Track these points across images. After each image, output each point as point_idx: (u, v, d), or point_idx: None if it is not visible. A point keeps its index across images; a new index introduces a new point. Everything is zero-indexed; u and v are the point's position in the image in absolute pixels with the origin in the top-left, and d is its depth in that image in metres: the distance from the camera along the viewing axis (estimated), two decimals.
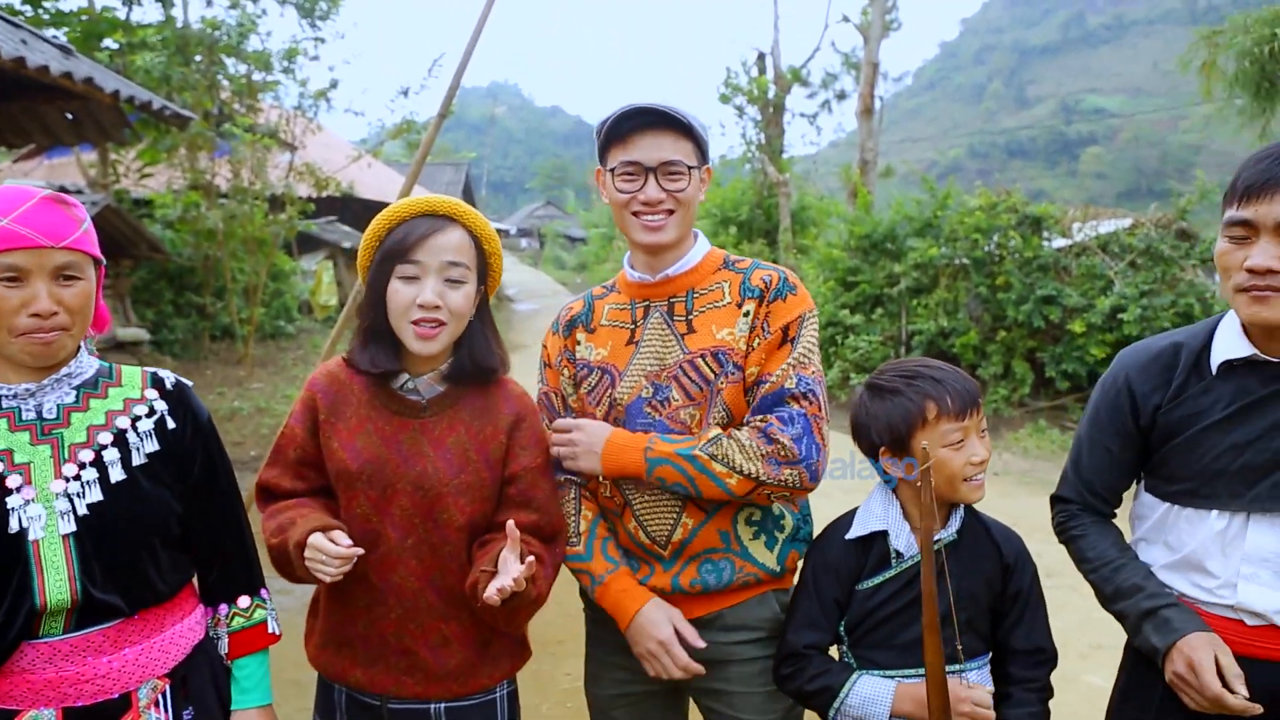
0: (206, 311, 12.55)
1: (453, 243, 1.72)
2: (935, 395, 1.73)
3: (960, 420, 1.73)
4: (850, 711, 1.73)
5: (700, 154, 1.87)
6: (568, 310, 2.05)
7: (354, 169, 13.52)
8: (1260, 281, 1.50)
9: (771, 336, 1.81)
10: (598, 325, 1.97)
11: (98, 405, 1.57)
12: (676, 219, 1.85)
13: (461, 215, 1.75)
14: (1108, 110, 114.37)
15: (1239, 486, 1.57)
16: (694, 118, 1.84)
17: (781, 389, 1.77)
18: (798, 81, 18.33)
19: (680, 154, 1.82)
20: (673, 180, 1.82)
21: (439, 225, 1.72)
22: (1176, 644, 1.55)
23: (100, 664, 1.50)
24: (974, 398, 1.75)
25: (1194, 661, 1.51)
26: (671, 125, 1.81)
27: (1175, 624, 1.58)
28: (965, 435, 1.74)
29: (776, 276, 1.86)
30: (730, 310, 1.85)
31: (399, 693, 1.79)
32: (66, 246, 1.46)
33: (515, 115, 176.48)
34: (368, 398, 1.80)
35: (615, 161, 1.85)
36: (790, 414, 1.75)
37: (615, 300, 1.98)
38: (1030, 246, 10.15)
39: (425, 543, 1.74)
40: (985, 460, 1.75)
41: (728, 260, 1.94)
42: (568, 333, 2.01)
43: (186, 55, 11.14)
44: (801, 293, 1.87)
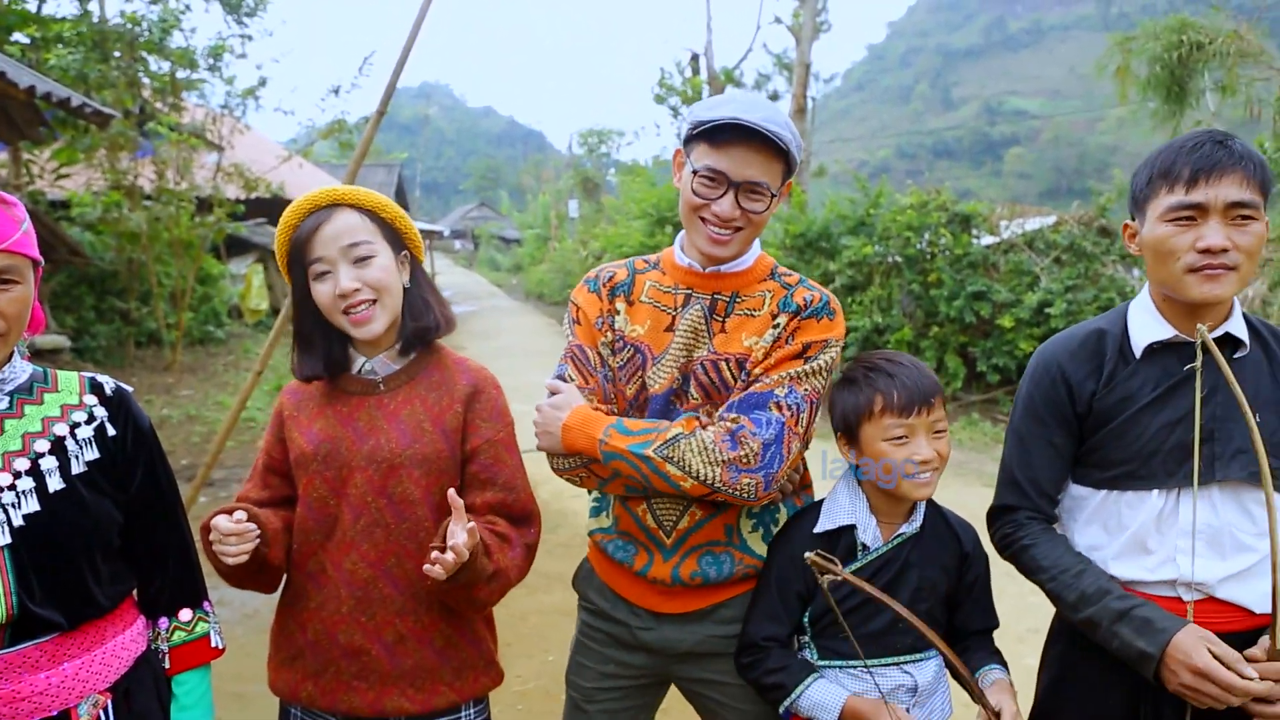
0: (131, 317, 12.10)
1: (343, 225, 1.72)
2: (884, 390, 1.76)
3: (904, 417, 1.74)
4: (800, 711, 1.76)
5: (787, 173, 1.80)
6: (610, 274, 1.95)
7: (284, 170, 13.20)
8: (1214, 260, 1.57)
9: (791, 347, 1.78)
10: (637, 300, 1.90)
11: (33, 411, 1.51)
12: (743, 236, 1.79)
13: (343, 197, 1.75)
14: (1029, 112, 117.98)
15: (1172, 464, 1.63)
16: (794, 138, 1.75)
17: (770, 393, 1.73)
18: (731, 82, 18.51)
19: (768, 176, 1.75)
20: (753, 200, 1.75)
21: (323, 216, 1.72)
22: (1168, 652, 1.54)
23: (38, 680, 1.44)
24: (925, 397, 1.75)
25: (1200, 668, 1.50)
26: (769, 145, 1.72)
27: (1157, 624, 1.57)
28: (910, 433, 1.74)
29: (818, 297, 1.82)
30: (764, 320, 1.82)
31: (350, 708, 1.72)
32: (5, 250, 1.40)
33: (447, 116, 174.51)
34: (329, 388, 1.80)
35: (701, 163, 1.75)
36: (768, 418, 1.70)
37: (658, 279, 1.91)
38: (960, 244, 10.42)
39: (379, 523, 1.71)
40: (930, 459, 1.74)
41: (775, 271, 1.90)
42: (610, 297, 1.91)
43: (105, 51, 10.72)
44: (838, 321, 1.83)
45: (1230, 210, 1.57)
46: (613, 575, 1.95)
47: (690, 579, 1.83)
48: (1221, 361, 1.55)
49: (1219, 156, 1.58)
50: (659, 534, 1.84)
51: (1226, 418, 1.63)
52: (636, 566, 1.87)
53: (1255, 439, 1.51)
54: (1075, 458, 1.79)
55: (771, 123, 1.70)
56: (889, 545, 1.80)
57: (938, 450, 1.75)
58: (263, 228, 16.59)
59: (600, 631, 1.98)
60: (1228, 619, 1.61)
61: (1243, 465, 1.61)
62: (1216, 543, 1.61)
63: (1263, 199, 1.58)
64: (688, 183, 1.78)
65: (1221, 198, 1.57)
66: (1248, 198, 1.56)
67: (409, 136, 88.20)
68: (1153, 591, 1.68)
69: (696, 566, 1.83)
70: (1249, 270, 1.60)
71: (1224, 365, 1.55)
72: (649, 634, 1.90)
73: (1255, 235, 1.57)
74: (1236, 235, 1.57)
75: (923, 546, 1.80)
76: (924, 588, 1.78)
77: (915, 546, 1.80)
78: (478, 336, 16.62)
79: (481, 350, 13.83)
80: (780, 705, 1.78)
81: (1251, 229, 1.57)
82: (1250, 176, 1.57)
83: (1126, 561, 1.70)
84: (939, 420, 1.77)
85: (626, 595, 1.92)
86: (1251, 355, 1.67)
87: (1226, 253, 1.57)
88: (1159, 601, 1.66)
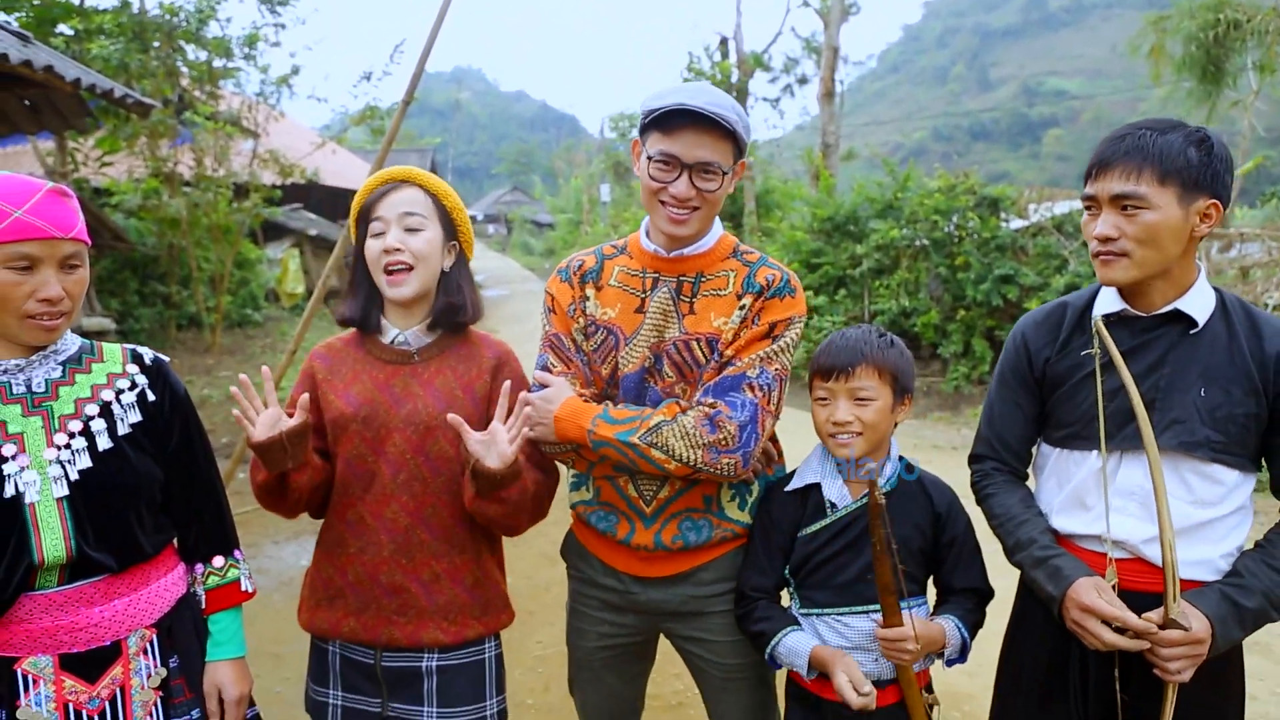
0: (172, 300, 12.45)
1: (406, 197, 1.94)
2: (817, 354, 1.95)
3: (824, 381, 1.92)
4: (780, 659, 1.94)
5: (738, 152, 1.90)
6: (579, 262, 2.07)
7: (318, 156, 13.42)
8: (1104, 248, 1.70)
9: (758, 328, 1.89)
10: (606, 284, 2.02)
11: (83, 380, 1.68)
12: (701, 215, 1.89)
13: (413, 177, 1.99)
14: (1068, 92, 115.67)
15: (1112, 428, 1.74)
16: (739, 119, 1.85)
17: (743, 375, 1.85)
18: (760, 66, 18.46)
19: (718, 155, 1.85)
20: (706, 180, 1.86)
21: (393, 186, 1.96)
22: (1067, 593, 1.69)
23: (93, 614, 1.62)
24: (846, 364, 1.88)
25: (1085, 604, 1.65)
26: (716, 126, 1.82)
27: (1065, 571, 1.72)
28: (831, 396, 1.91)
29: (779, 276, 1.93)
30: (730, 300, 1.92)
31: (390, 640, 1.90)
32: (73, 238, 1.58)
33: (480, 100, 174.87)
34: (362, 355, 1.99)
35: (654, 149, 1.86)
36: (742, 401, 1.83)
37: (626, 264, 2.02)
38: (988, 227, 10.39)
39: (417, 478, 1.90)
40: (846, 422, 1.88)
41: (737, 249, 2.00)
42: (581, 284, 2.04)
43: (145, 42, 10.98)
44: (799, 297, 1.94)
45: (1116, 201, 1.68)
46: (596, 544, 2.07)
47: (672, 543, 1.96)
48: (1113, 350, 1.67)
49: (1109, 152, 1.69)
50: (639, 503, 1.97)
51: (1170, 389, 1.72)
52: (620, 535, 1.99)
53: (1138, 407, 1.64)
54: (1041, 418, 1.92)
55: (717, 106, 1.81)
56: (856, 503, 1.92)
57: (857, 415, 1.89)
58: (298, 213, 16.90)
59: (591, 598, 2.11)
60: (1151, 580, 1.70)
61: (1176, 435, 1.70)
62: (1148, 505, 1.69)
63: (1169, 188, 1.64)
64: (645, 169, 1.91)
65: (1107, 190, 1.69)
66: (1129, 189, 1.65)
67: (442, 121, 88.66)
68: (1083, 545, 1.80)
69: (677, 531, 1.96)
70: (1151, 255, 1.68)
71: (1115, 354, 1.67)
72: (636, 596, 2.04)
73: (1144, 224, 1.66)
74: (1125, 224, 1.68)
75: (892, 506, 1.91)
76: (895, 543, 1.90)
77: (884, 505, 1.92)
78: (510, 320, 16.79)
79: (515, 333, 13.98)
80: (765, 651, 1.94)
81: (1140, 218, 1.66)
82: (1139, 169, 1.65)
83: (1065, 515, 1.83)
84: (860, 389, 1.89)
85: (611, 562, 2.05)
86: (1210, 330, 1.74)
87: (1115, 240, 1.69)
88: (1086, 555, 1.78)
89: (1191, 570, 1.71)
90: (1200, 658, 1.62)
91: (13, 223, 1.51)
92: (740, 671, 2.05)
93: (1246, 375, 1.70)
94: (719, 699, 2.10)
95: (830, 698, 1.91)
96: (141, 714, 1.67)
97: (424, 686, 1.92)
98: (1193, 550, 1.71)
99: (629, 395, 1.96)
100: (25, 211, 1.53)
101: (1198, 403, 1.70)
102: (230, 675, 1.80)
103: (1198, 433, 1.69)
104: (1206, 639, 1.61)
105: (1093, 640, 1.66)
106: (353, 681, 1.96)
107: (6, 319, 1.56)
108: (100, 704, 1.62)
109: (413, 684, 1.93)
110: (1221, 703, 1.79)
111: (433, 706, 1.92)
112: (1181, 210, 1.65)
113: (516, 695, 3.58)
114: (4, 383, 1.61)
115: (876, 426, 1.90)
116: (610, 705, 2.20)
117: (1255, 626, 1.68)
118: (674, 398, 1.92)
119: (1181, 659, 1.61)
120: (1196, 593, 1.68)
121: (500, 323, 16.40)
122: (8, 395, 1.61)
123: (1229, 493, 1.73)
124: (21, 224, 1.52)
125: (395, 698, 1.94)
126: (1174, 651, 1.60)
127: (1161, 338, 1.74)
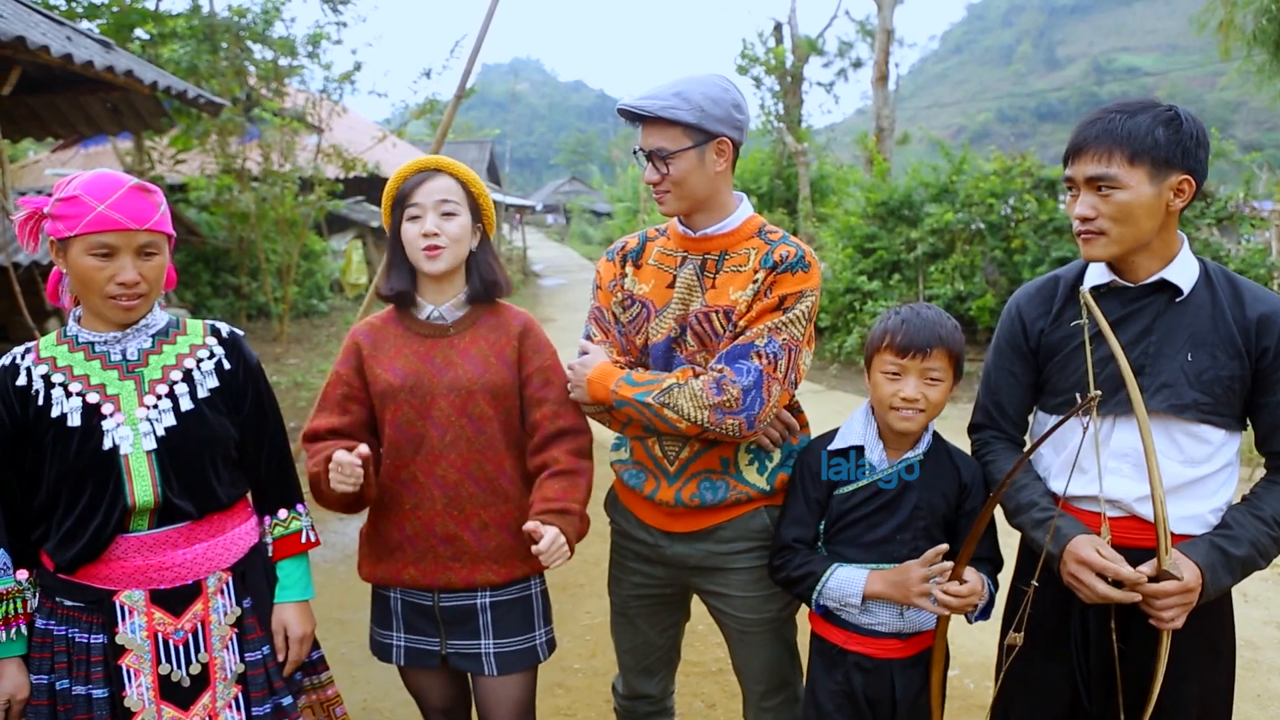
0: (242, 291, 12.96)
1: (441, 185, 2.12)
2: (892, 330, 2.01)
3: (899, 357, 1.99)
4: (829, 594, 2.03)
5: (697, 132, 2.00)
6: (624, 244, 2.30)
7: (379, 149, 13.78)
8: (1084, 227, 1.79)
9: (769, 301, 2.02)
10: (645, 263, 2.22)
11: (169, 350, 1.93)
12: (674, 195, 2.06)
13: (446, 166, 2.16)
14: (1141, 69, 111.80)
15: (1105, 394, 1.81)
16: (679, 104, 1.98)
17: (751, 344, 1.98)
18: (814, 51, 18.30)
19: (665, 141, 2.01)
20: (663, 164, 2.04)
21: (429, 175, 2.14)
22: (1066, 549, 1.79)
23: (177, 555, 1.86)
24: (924, 345, 1.96)
25: (1081, 558, 1.75)
26: (655, 119, 2.00)
27: (1064, 530, 1.81)
28: (903, 372, 1.99)
29: (794, 252, 2.05)
30: (748, 275, 2.06)
31: (448, 583, 2.12)
32: (148, 229, 1.80)
33: (538, 91, 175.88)
34: (402, 331, 2.18)
35: (635, 146, 2.11)
36: (747, 367, 1.97)
37: (664, 244, 2.22)
38: (1045, 209, 10.24)
39: (462, 437, 2.10)
40: (914, 399, 1.97)
41: (762, 229, 2.13)
42: (622, 264, 2.26)
43: (214, 43, 11.44)
44: (813, 273, 2.05)
45: (1091, 183, 1.77)
46: (630, 500, 2.27)
47: (690, 500, 2.13)
48: (1102, 321, 1.75)
49: (1082, 136, 1.78)
50: (664, 462, 2.15)
51: (1158, 354, 1.81)
52: (646, 491, 2.18)
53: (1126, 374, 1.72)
54: (1037, 387, 2.02)
55: (648, 99, 2.01)
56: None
57: (925, 394, 1.98)
58: (361, 205, 17.34)
59: (627, 549, 2.31)
60: (1145, 536, 1.79)
61: (1165, 398, 1.79)
62: (1141, 466, 1.77)
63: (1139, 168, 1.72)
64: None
65: (1082, 173, 1.78)
66: (1101, 171, 1.74)
67: (501, 113, 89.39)
68: (1080, 506, 1.89)
69: (696, 490, 2.13)
70: (1127, 231, 1.76)
71: (1104, 324, 1.75)
72: (664, 550, 2.21)
73: (1117, 204, 1.74)
74: (1100, 204, 1.76)
75: (924, 473, 2.04)
76: (922, 508, 2.03)
77: (917, 472, 2.04)
78: (568, 308, 17.03)
79: (573, 320, 14.20)
80: (813, 592, 2.04)
81: (1114, 198, 1.74)
82: (1108, 152, 1.73)
83: (1062, 478, 1.91)
84: (934, 369, 1.99)
85: (642, 517, 2.24)
86: (1195, 298, 1.82)
87: (1093, 220, 1.77)
88: (1083, 515, 1.87)
89: (1183, 525, 1.80)
90: (1191, 605, 1.71)
91: (95, 216, 1.75)
92: (759, 627, 2.20)
93: (1230, 339, 1.78)
94: (739, 651, 2.27)
95: (854, 649, 2.04)
96: (219, 646, 1.90)
97: (479, 621, 2.14)
98: (1183, 506, 1.80)
99: (657, 363, 2.15)
100: (107, 206, 1.76)
101: (1185, 367, 1.78)
102: (295, 615, 2.02)
103: (1186, 395, 1.78)
104: (1197, 586, 1.71)
105: (1087, 592, 1.76)
106: (414, 623, 2.18)
107: (93, 299, 1.81)
108: (184, 636, 1.86)
109: (469, 620, 2.14)
110: (1214, 649, 1.88)
111: (489, 639, 2.14)
112: (1154, 188, 1.73)
113: (565, 660, 3.77)
114: (104, 351, 1.87)
115: (939, 405, 2.01)
116: (645, 652, 2.38)
117: (1244, 574, 1.77)
118: (696, 365, 2.09)
119: (1174, 607, 1.71)
120: (1188, 544, 1.77)
121: (558, 310, 16.66)
122: (107, 362, 1.86)
123: (1216, 451, 1.82)
124: (102, 217, 1.75)
125: (453, 635, 2.16)
126: (1167, 601, 1.70)
127: (1149, 306, 1.83)
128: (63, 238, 1.77)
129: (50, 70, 5.93)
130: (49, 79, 6.62)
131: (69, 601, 1.84)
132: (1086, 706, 1.92)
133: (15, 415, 1.81)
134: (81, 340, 1.87)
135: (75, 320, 1.89)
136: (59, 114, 7.59)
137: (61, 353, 1.86)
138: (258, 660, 1.95)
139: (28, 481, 1.83)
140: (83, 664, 1.82)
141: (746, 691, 2.32)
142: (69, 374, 1.83)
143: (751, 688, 2.29)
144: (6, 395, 1.82)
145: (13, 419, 1.81)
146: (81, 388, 1.82)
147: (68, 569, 1.82)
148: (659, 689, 2.44)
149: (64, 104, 7.41)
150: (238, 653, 1.92)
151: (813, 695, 2.11)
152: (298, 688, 2.05)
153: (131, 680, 1.82)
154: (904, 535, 2.02)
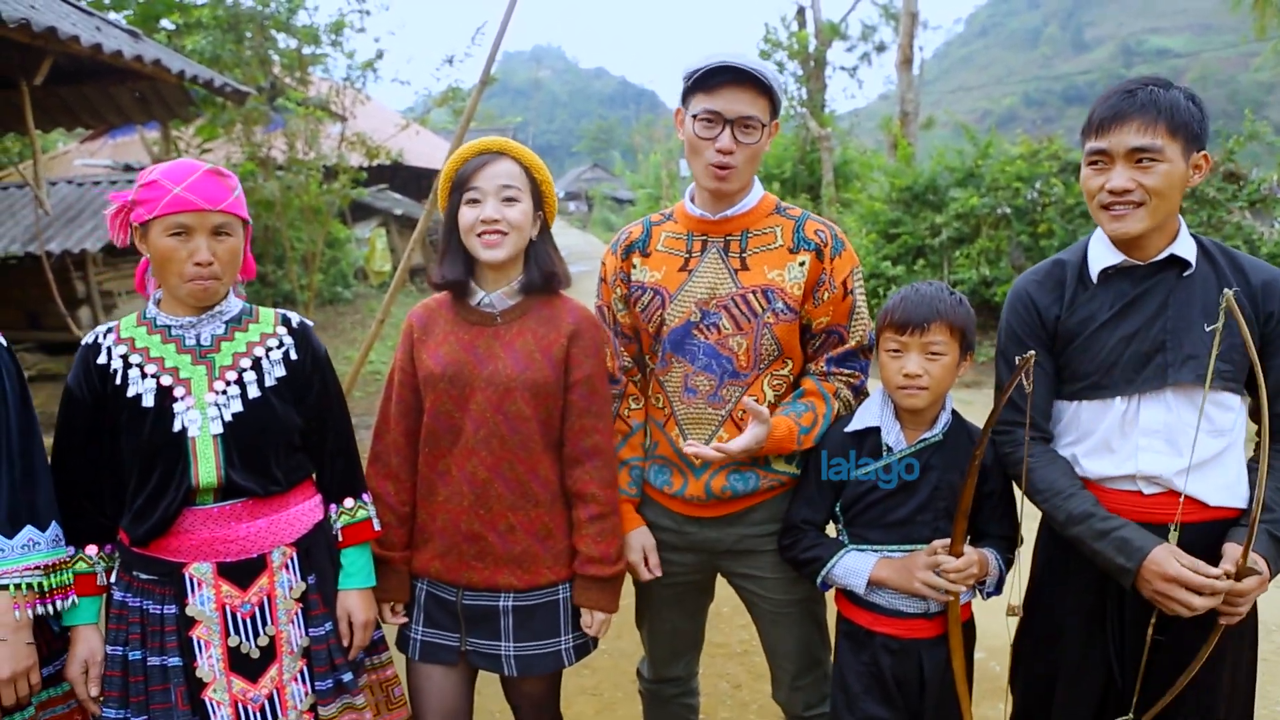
0: (268, 279, 13.07)
1: (504, 170, 2.05)
2: (891, 308, 2.02)
3: (898, 334, 1.99)
4: (834, 579, 2.05)
5: (773, 110, 2.04)
6: (627, 234, 2.27)
7: (402, 138, 13.81)
8: (1119, 200, 1.77)
9: (836, 291, 2.07)
10: (653, 250, 2.19)
11: (241, 337, 1.97)
12: (741, 171, 2.03)
13: (510, 149, 2.10)
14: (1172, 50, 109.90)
15: (1130, 373, 1.82)
16: (774, 77, 2.01)
17: (864, 345, 2.16)
18: (837, 35, 18.13)
19: (757, 110, 1.99)
20: (746, 134, 2.00)
21: (491, 158, 2.07)
22: (1144, 565, 1.75)
23: (241, 529, 1.92)
24: (923, 320, 1.96)
25: (1172, 575, 1.71)
26: (754, 83, 1.97)
27: (1135, 542, 1.77)
28: (904, 349, 2.00)
29: (829, 232, 2.09)
30: (782, 253, 2.07)
31: (469, 582, 2.09)
32: (221, 210, 1.86)
33: (559, 78, 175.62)
34: (452, 315, 2.13)
35: (698, 108, 2.00)
36: (863, 365, 2.19)
37: (672, 229, 2.19)
38: (1073, 193, 10.12)
39: (495, 435, 2.04)
40: (916, 375, 1.97)
41: (779, 206, 2.15)
42: (625, 256, 2.23)
43: (239, 33, 11.50)
44: (849, 248, 2.13)
45: (1132, 155, 1.75)
46: (655, 493, 2.25)
47: (721, 492, 2.13)
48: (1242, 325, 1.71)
49: (1122, 106, 1.76)
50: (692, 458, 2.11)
51: (1177, 329, 1.80)
52: (675, 488, 2.17)
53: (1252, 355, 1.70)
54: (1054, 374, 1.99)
55: (751, 64, 1.96)
56: (912, 448, 2.04)
57: (927, 369, 1.98)
58: (384, 193, 17.42)
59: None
60: (1186, 510, 1.79)
61: (1193, 369, 1.78)
62: (1173, 441, 1.78)
63: (1177, 140, 1.73)
64: (689, 129, 2.05)
65: (1123, 144, 1.75)
66: (1147, 142, 1.73)
67: (522, 100, 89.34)
68: (1117, 486, 1.88)
69: (725, 482, 2.12)
70: (1162, 205, 1.76)
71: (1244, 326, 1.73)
72: (693, 535, 2.20)
73: (1160, 175, 1.74)
74: (1141, 176, 1.75)
75: (943, 453, 2.03)
76: (942, 488, 2.02)
77: (936, 452, 2.04)
78: (588, 296, 16.96)
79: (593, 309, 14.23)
80: (817, 576, 2.06)
81: (1157, 170, 1.74)
82: (1153, 123, 1.72)
83: (1094, 459, 1.90)
84: (933, 344, 1.98)
85: (669, 507, 2.22)
86: (1199, 272, 1.84)
87: (1131, 192, 1.76)
88: (1121, 495, 1.86)
89: (1217, 496, 1.80)
90: None
91: (172, 198, 1.82)
92: (791, 607, 2.20)
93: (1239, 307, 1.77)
94: (771, 632, 2.27)
95: (881, 631, 2.04)
96: (285, 620, 1.95)
97: (501, 624, 2.09)
98: (1217, 477, 1.80)
99: (675, 348, 2.12)
100: (183, 189, 1.83)
101: (1206, 338, 1.78)
102: (359, 602, 2.05)
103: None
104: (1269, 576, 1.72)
105: (1178, 608, 1.73)
106: (435, 617, 2.14)
107: (172, 280, 1.87)
108: (251, 609, 1.92)
109: (490, 621, 2.10)
110: (1240, 632, 1.88)
111: (510, 641, 2.09)
112: (1185, 163, 1.74)
113: None
114: (179, 335, 1.93)
115: (944, 380, 2.01)
116: (672, 639, 2.39)
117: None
118: (729, 350, 2.09)
119: (1249, 602, 1.73)
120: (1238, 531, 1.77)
121: (580, 296, 16.60)
122: (181, 346, 1.92)
123: (1236, 417, 1.83)
124: (178, 199, 1.82)
125: (473, 633, 2.11)
126: (1250, 596, 1.71)
127: (1160, 283, 1.83)
128: (143, 221, 1.84)
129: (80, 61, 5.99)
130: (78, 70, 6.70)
131: (144, 575, 1.90)
132: (1119, 685, 1.92)
133: (97, 392, 1.88)
134: (159, 323, 1.93)
135: (155, 303, 1.96)
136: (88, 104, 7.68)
137: (140, 334, 1.93)
138: (321, 636, 1.99)
139: (108, 458, 1.91)
140: (157, 635, 1.88)
141: (778, 671, 2.31)
142: (146, 355, 1.90)
143: (784, 667, 2.28)
144: (89, 372, 1.89)
145: (94, 395, 1.89)
146: (156, 370, 1.89)
147: (141, 543, 1.88)
148: (685, 671, 2.46)
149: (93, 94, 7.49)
150: (303, 627, 1.97)
151: (841, 677, 2.12)
152: (358, 666, 2.09)
153: (202, 651, 1.88)
154: (925, 516, 2.02)
